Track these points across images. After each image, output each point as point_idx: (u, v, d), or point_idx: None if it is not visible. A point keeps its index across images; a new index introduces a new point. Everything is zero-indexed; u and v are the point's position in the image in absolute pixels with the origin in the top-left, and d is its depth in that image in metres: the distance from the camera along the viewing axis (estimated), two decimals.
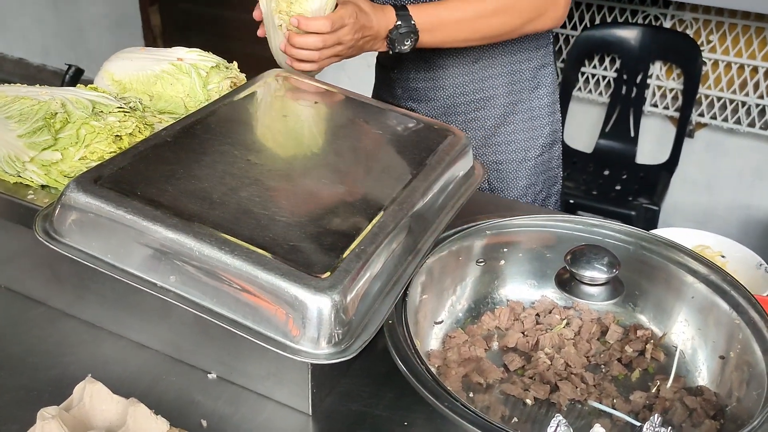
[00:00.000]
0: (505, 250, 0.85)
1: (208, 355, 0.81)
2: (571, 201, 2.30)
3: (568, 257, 0.75)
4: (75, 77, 2.19)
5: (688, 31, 2.42)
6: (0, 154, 0.81)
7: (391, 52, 1.08)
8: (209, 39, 3.71)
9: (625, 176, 2.46)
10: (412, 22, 1.06)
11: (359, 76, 3.17)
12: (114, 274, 0.70)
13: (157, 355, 0.84)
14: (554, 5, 1.13)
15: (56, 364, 0.82)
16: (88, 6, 3.82)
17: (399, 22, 1.05)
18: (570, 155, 2.56)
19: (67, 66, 2.16)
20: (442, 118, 1.32)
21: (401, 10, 1.06)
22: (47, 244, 0.72)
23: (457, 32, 1.10)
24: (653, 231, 0.94)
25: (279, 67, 1.07)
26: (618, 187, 2.41)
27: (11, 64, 4.51)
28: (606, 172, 2.49)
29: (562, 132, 2.55)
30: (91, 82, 1.01)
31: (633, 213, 2.24)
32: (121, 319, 0.85)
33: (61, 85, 2.13)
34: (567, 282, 0.76)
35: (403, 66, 1.31)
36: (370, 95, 1.46)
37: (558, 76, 2.65)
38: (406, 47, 1.07)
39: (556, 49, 2.66)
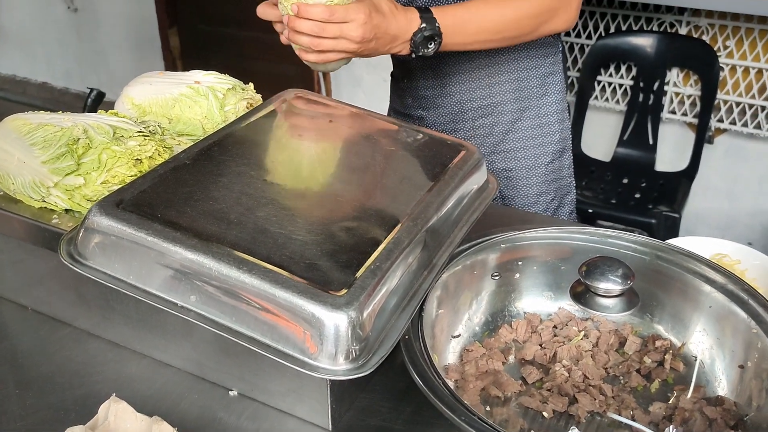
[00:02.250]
0: (519, 263, 0.86)
1: (230, 373, 0.82)
2: (590, 210, 2.30)
3: (583, 269, 0.75)
4: (97, 100, 2.24)
5: (704, 37, 2.41)
6: (25, 180, 0.84)
7: (413, 56, 1.06)
8: (227, 59, 3.77)
9: (644, 184, 2.45)
10: (437, 25, 1.04)
11: (375, 92, 3.21)
12: (136, 295, 0.72)
13: (179, 374, 0.85)
14: (567, 6, 1.14)
15: (83, 384, 0.84)
16: (110, 30, 3.91)
17: (423, 25, 1.03)
18: (588, 164, 2.55)
19: (89, 90, 2.21)
20: (451, 125, 1.33)
21: (425, 13, 1.04)
22: (72, 267, 0.75)
23: (478, 34, 1.10)
24: (669, 240, 0.94)
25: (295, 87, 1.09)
26: (637, 195, 2.40)
27: (35, 88, 4.62)
28: (625, 181, 2.47)
29: (579, 141, 2.56)
30: (113, 104, 1.04)
31: (653, 221, 2.22)
32: (145, 338, 0.87)
33: (84, 108, 2.18)
34: (582, 294, 0.76)
35: (412, 75, 1.33)
36: (385, 110, 1.48)
37: (574, 85, 2.65)
38: (429, 50, 1.05)
39: (572, 58, 2.66)
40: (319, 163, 0.92)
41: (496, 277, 0.85)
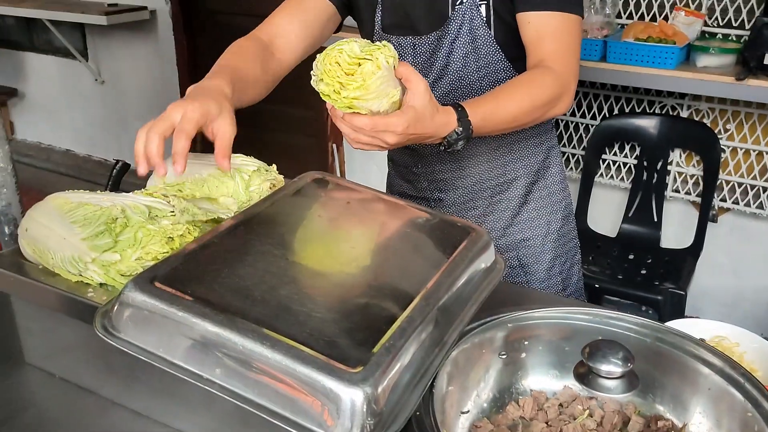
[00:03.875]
0: (525, 342, 0.90)
1: None
2: (597, 285, 2.33)
3: (586, 351, 0.79)
4: (122, 171, 2.34)
5: (705, 120, 2.50)
6: (65, 255, 0.90)
7: (443, 148, 1.12)
8: (245, 130, 3.91)
9: (650, 260, 2.49)
10: (471, 127, 1.10)
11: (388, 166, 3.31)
12: (166, 367, 0.77)
13: None
14: (567, 93, 1.23)
15: None
16: (133, 101, 4.08)
17: (460, 128, 1.09)
18: (594, 239, 2.61)
19: (115, 161, 2.31)
20: (470, 203, 1.41)
21: (461, 114, 1.09)
22: (105, 339, 0.80)
23: (499, 125, 1.17)
24: (670, 322, 0.98)
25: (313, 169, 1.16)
26: (643, 272, 2.43)
27: (59, 155, 4.78)
28: (631, 257, 2.52)
29: (586, 216, 2.63)
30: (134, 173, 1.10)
31: (660, 298, 2.25)
32: (167, 407, 0.91)
33: (108, 179, 2.28)
34: (585, 375, 0.80)
35: (427, 161, 1.41)
36: None
37: (579, 162, 2.74)
38: (458, 146, 1.11)
39: (578, 137, 2.76)
40: (337, 244, 0.97)
41: (503, 356, 0.90)
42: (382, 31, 1.34)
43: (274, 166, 1.17)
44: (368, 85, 0.96)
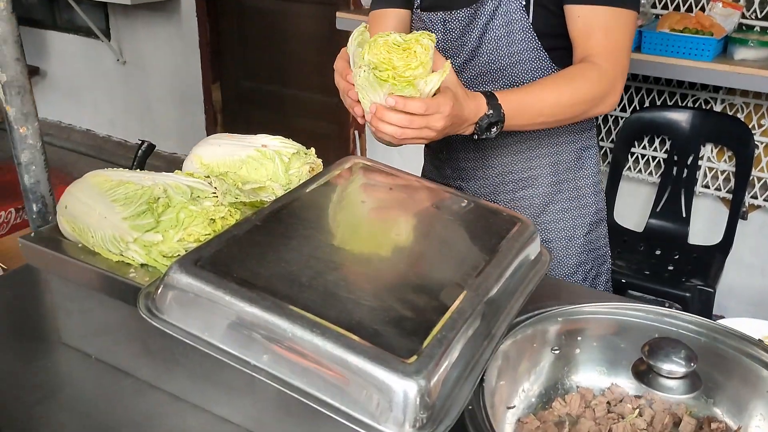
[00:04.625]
0: (579, 338, 0.88)
1: (290, 431, 0.84)
2: (623, 281, 2.30)
3: (645, 349, 0.77)
4: (147, 152, 2.33)
5: (739, 115, 2.45)
6: (105, 234, 0.89)
7: (476, 137, 1.10)
8: (268, 115, 3.90)
9: (677, 256, 2.45)
10: (502, 112, 1.08)
11: (409, 154, 3.27)
12: (211, 351, 0.75)
13: (239, 430, 0.87)
14: (613, 92, 1.19)
15: None
16: (155, 83, 4.07)
17: (490, 111, 1.07)
18: (620, 234, 2.57)
19: (140, 141, 2.29)
20: (491, 196, 1.37)
21: (491, 99, 1.08)
22: (150, 320, 0.78)
23: (536, 117, 1.14)
24: (721, 321, 0.95)
25: (351, 154, 1.13)
26: (671, 268, 2.39)
27: (79, 135, 4.78)
28: (658, 252, 2.48)
29: (612, 210, 2.58)
30: (159, 155, 1.08)
31: (688, 295, 2.22)
32: (206, 392, 0.89)
33: (134, 159, 2.27)
34: (644, 374, 0.77)
35: (452, 147, 1.37)
36: (418, 172, 1.53)
37: (607, 155, 2.69)
38: (492, 134, 1.09)
39: (606, 129, 2.72)
40: (382, 230, 0.95)
41: (556, 351, 0.87)
42: (420, 10, 1.31)
43: (313, 150, 1.15)
44: (427, 62, 0.95)
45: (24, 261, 0.99)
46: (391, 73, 0.95)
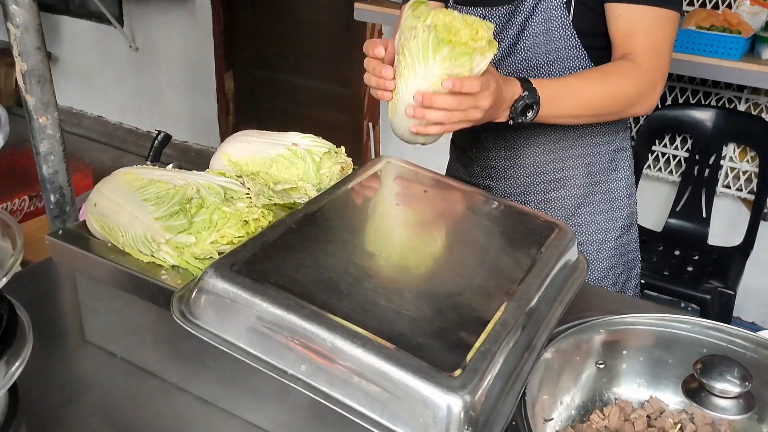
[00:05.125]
0: (624, 351, 0.85)
1: None
2: (642, 281, 2.26)
3: (698, 367, 0.74)
4: (163, 143, 2.31)
5: (763, 115, 2.41)
6: (136, 234, 0.86)
7: (511, 122, 1.08)
8: (281, 104, 3.87)
9: (696, 257, 2.42)
10: (537, 95, 1.06)
11: (422, 149, 3.24)
12: (247, 359, 0.73)
13: None
14: (651, 93, 1.16)
15: None
16: (167, 70, 4.04)
17: (525, 93, 1.05)
18: (639, 233, 2.52)
19: (157, 132, 2.27)
20: (521, 197, 1.34)
21: (525, 83, 1.06)
22: (184, 326, 0.76)
23: (571, 109, 1.12)
24: (761, 333, 0.93)
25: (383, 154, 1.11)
26: (690, 269, 2.37)
27: (90, 121, 4.75)
28: (677, 252, 2.45)
29: None
30: (171, 143, 1.06)
31: (707, 297, 2.19)
32: (236, 397, 0.87)
33: (150, 149, 2.24)
34: (695, 392, 0.75)
35: (482, 145, 1.34)
36: (432, 166, 1.49)
37: None
38: (528, 118, 1.07)
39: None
40: (418, 236, 0.93)
41: (601, 366, 0.85)
42: (456, 3, 1.28)
43: (343, 149, 1.12)
44: (488, 40, 0.94)
45: (37, 251, 0.97)
46: (453, 37, 0.92)
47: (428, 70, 0.94)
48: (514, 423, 0.72)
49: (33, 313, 1.07)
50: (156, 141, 2.30)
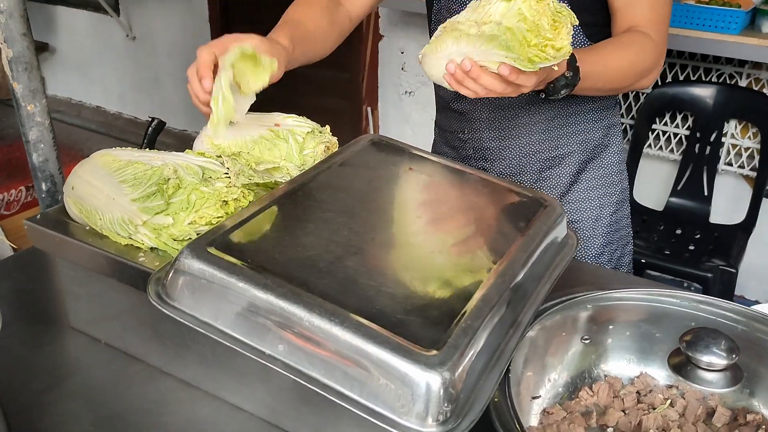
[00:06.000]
0: (611, 326, 0.83)
1: (306, 422, 0.81)
2: (643, 260, 2.24)
3: (684, 340, 0.72)
4: (157, 129, 2.29)
5: (765, 90, 2.37)
6: (114, 216, 0.85)
7: (543, 96, 1.05)
8: (278, 91, 3.83)
9: (698, 236, 2.39)
10: (579, 75, 1.03)
11: (422, 130, 3.21)
12: (224, 340, 0.72)
13: (252, 419, 0.84)
14: (658, 64, 1.17)
15: (155, 424, 0.84)
16: (165, 59, 4.02)
17: (569, 73, 1.02)
18: (640, 212, 2.51)
19: (150, 119, 2.25)
20: (516, 176, 1.32)
21: (572, 60, 1.02)
22: (160, 308, 0.74)
23: (597, 82, 1.10)
24: (756, 307, 0.91)
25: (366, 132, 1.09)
26: (691, 247, 2.34)
27: (89, 111, 4.74)
28: (678, 231, 2.42)
29: (632, 188, 2.52)
30: (168, 133, 1.05)
31: (709, 275, 2.16)
32: (219, 379, 0.86)
33: (144, 137, 2.23)
34: (681, 366, 0.73)
35: (475, 126, 1.32)
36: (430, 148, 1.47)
37: (627, 132, 2.62)
38: (561, 95, 1.04)
39: (626, 105, 2.64)
40: (402, 213, 0.91)
41: (587, 341, 0.83)
42: None
43: (327, 128, 1.10)
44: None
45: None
46: (529, 43, 0.85)
47: (487, 50, 0.87)
48: (497, 400, 0.71)
49: (19, 299, 1.07)
50: (150, 128, 2.28)
